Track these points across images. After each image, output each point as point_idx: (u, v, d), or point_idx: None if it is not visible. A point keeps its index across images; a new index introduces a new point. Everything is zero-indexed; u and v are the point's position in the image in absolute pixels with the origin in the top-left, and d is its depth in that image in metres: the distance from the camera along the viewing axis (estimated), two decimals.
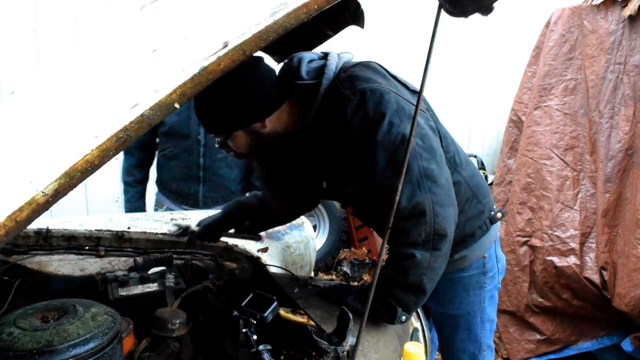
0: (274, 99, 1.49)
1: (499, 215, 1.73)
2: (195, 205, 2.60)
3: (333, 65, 1.49)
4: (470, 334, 1.78)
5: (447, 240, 1.41)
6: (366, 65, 1.52)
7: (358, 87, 1.41)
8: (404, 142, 1.38)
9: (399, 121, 1.39)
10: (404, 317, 1.44)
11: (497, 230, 1.77)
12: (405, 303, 1.42)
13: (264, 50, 1.51)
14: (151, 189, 2.80)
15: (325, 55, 1.56)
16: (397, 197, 1.14)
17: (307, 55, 1.55)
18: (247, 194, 1.94)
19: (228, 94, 1.42)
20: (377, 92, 1.41)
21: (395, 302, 1.41)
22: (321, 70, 1.49)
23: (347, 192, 1.67)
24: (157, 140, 2.63)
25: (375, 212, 1.60)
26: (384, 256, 1.46)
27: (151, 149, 2.68)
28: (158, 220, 2.06)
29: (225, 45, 0.83)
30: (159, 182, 2.72)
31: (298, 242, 2.13)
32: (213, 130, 1.52)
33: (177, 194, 2.62)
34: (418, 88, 1.59)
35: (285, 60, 1.59)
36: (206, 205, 2.59)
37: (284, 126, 1.50)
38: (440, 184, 1.40)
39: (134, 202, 2.71)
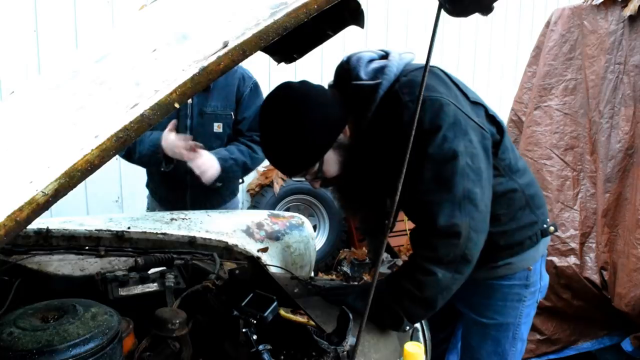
0: (343, 104, 1.43)
1: (551, 228, 1.66)
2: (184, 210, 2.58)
3: (394, 66, 1.44)
4: (497, 348, 1.70)
5: (471, 266, 1.39)
6: (429, 70, 1.46)
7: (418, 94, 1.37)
8: (454, 158, 1.34)
9: (453, 136, 1.36)
10: (407, 327, 1.43)
11: (546, 245, 1.70)
12: (413, 315, 1.42)
13: (264, 50, 1.51)
14: (142, 192, 2.79)
15: (386, 55, 1.51)
16: (397, 197, 1.14)
17: (366, 55, 1.50)
18: None
19: (305, 119, 1.36)
20: (436, 103, 1.36)
21: (403, 313, 1.40)
22: (381, 71, 1.43)
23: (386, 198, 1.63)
24: None
25: (413, 216, 1.55)
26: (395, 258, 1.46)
27: None
28: (158, 220, 2.06)
29: (225, 45, 0.83)
30: (149, 187, 2.72)
31: (298, 242, 2.13)
32: (303, 167, 1.43)
33: (166, 200, 2.62)
34: (479, 98, 1.56)
35: (344, 59, 1.54)
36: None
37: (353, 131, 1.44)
38: (480, 209, 1.37)
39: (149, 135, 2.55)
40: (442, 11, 1.05)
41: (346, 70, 1.50)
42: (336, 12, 1.37)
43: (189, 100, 2.44)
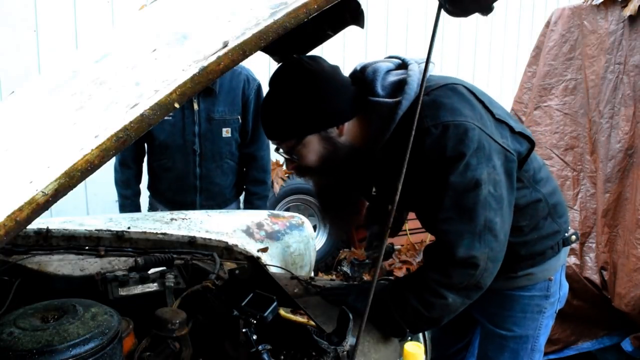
0: (353, 104, 1.36)
1: (573, 237, 1.60)
2: None
3: (415, 82, 1.34)
4: None
5: (481, 292, 1.37)
6: (453, 89, 1.37)
7: (441, 119, 1.30)
8: (477, 187, 1.29)
9: (477, 163, 1.29)
10: (409, 338, 1.43)
11: (566, 254, 1.66)
12: (416, 329, 1.41)
13: (264, 50, 1.51)
14: (143, 193, 2.80)
15: (404, 65, 1.41)
16: (397, 198, 1.14)
17: (383, 67, 1.40)
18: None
19: (305, 91, 1.30)
20: (460, 128, 1.29)
21: (407, 326, 1.39)
22: (400, 86, 1.34)
23: (411, 209, 1.60)
24: (147, 149, 2.63)
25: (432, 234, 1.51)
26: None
27: (143, 160, 2.69)
28: (158, 220, 2.06)
29: (225, 45, 0.83)
30: (152, 189, 2.73)
31: (298, 242, 2.13)
32: (283, 135, 1.36)
33: (172, 203, 2.62)
34: (505, 114, 1.49)
35: (357, 68, 1.46)
36: None
37: (359, 141, 1.38)
38: (499, 239, 1.33)
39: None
40: (442, 11, 1.05)
41: (360, 80, 1.41)
42: (336, 12, 1.38)
43: (195, 106, 2.45)
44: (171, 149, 2.52)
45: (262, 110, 1.39)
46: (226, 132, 2.53)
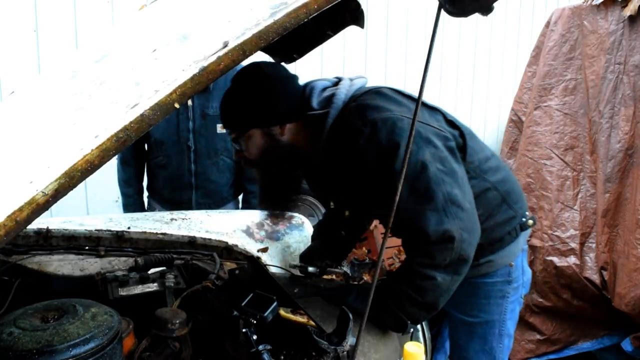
0: (297, 108, 1.49)
1: (530, 222, 1.67)
2: None
3: (342, 94, 1.48)
4: (485, 346, 1.71)
5: (468, 264, 1.40)
6: (377, 92, 1.49)
7: (369, 117, 1.39)
8: (424, 168, 1.35)
9: (416, 148, 1.36)
10: (412, 329, 1.45)
11: (525, 239, 1.71)
12: (416, 318, 1.43)
13: (264, 50, 1.51)
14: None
15: (338, 82, 1.54)
16: (397, 198, 1.14)
17: (320, 84, 1.54)
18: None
19: (256, 90, 1.44)
20: (389, 121, 1.38)
21: (406, 316, 1.40)
22: (330, 99, 1.47)
23: (373, 214, 1.68)
24: (146, 148, 2.63)
25: (400, 232, 1.57)
26: (386, 259, 1.46)
27: (144, 158, 2.68)
28: (158, 220, 2.06)
29: (225, 45, 0.83)
30: (150, 188, 2.72)
31: (298, 242, 2.13)
32: (231, 124, 1.52)
33: (169, 201, 2.62)
34: (436, 105, 1.59)
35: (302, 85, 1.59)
36: None
37: (299, 144, 1.50)
38: (465, 208, 1.38)
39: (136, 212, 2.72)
40: (442, 11, 1.05)
41: (302, 98, 1.54)
42: (336, 12, 1.38)
43: (189, 102, 2.45)
44: (166, 146, 2.52)
45: (221, 101, 1.53)
46: (221, 128, 2.51)
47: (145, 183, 2.74)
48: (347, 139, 1.42)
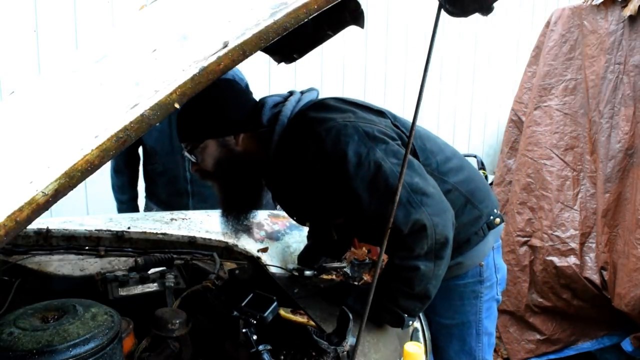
0: (250, 119, 1.50)
1: (497, 220, 1.65)
2: None
3: (288, 110, 1.49)
4: (464, 346, 1.72)
5: (449, 246, 1.40)
6: (319, 105, 1.51)
7: (313, 131, 1.41)
8: (378, 167, 1.36)
9: (366, 149, 1.37)
10: (411, 322, 1.45)
11: (496, 237, 1.71)
12: (411, 310, 1.43)
13: (264, 50, 1.51)
14: (141, 195, 2.80)
15: (289, 97, 1.55)
16: (395, 207, 1.14)
17: (271, 100, 1.55)
18: None
19: (207, 102, 1.43)
20: (332, 131, 1.39)
21: (401, 310, 1.41)
22: (276, 116, 1.49)
23: (333, 224, 1.68)
24: (141, 153, 2.63)
25: (368, 232, 1.59)
26: (386, 258, 1.46)
27: (138, 165, 2.68)
28: (158, 220, 2.06)
29: (225, 45, 0.83)
30: (148, 191, 2.72)
31: (298, 242, 2.13)
32: (186, 136, 1.51)
33: (166, 204, 2.62)
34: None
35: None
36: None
37: (255, 155, 1.51)
38: (429, 193, 1.38)
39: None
40: (442, 11, 1.05)
41: (254, 113, 1.55)
42: (336, 12, 1.38)
43: None
44: (161, 155, 2.52)
45: (177, 115, 1.51)
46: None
47: (142, 186, 2.73)
48: (295, 155, 1.44)
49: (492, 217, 1.65)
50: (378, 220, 1.35)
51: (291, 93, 1.58)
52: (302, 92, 1.57)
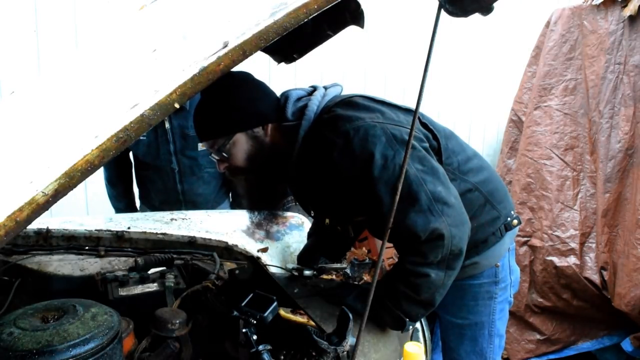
0: (275, 111, 1.48)
1: (514, 222, 1.65)
2: None
3: (315, 105, 1.47)
4: (475, 347, 1.71)
5: (461, 258, 1.40)
6: (347, 102, 1.49)
7: (341, 129, 1.39)
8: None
9: (392, 152, 1.36)
10: (411, 327, 1.44)
11: (511, 238, 1.70)
12: (414, 315, 1.42)
13: (264, 50, 1.51)
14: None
15: (313, 91, 1.54)
16: (397, 199, 1.14)
17: (294, 93, 1.53)
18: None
19: (233, 94, 1.42)
20: (360, 130, 1.38)
21: (403, 314, 1.41)
22: (303, 110, 1.47)
23: (354, 221, 1.67)
24: (134, 163, 2.62)
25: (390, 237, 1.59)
26: (386, 259, 1.46)
27: (130, 172, 2.67)
28: (158, 220, 2.06)
29: (225, 45, 0.83)
30: (141, 196, 2.72)
31: (298, 242, 2.13)
32: (213, 133, 1.46)
33: (161, 210, 2.62)
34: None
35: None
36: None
37: (282, 146, 1.49)
38: (451, 203, 1.37)
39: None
40: (443, 11, 1.05)
41: (278, 106, 1.53)
42: (336, 12, 1.38)
43: (167, 125, 2.40)
44: (151, 168, 2.52)
45: (194, 114, 1.49)
46: (202, 146, 2.51)
47: (137, 190, 2.73)
48: (321, 152, 1.43)
49: (509, 219, 1.65)
50: (395, 224, 1.33)
51: (314, 88, 1.56)
52: (325, 88, 1.55)
